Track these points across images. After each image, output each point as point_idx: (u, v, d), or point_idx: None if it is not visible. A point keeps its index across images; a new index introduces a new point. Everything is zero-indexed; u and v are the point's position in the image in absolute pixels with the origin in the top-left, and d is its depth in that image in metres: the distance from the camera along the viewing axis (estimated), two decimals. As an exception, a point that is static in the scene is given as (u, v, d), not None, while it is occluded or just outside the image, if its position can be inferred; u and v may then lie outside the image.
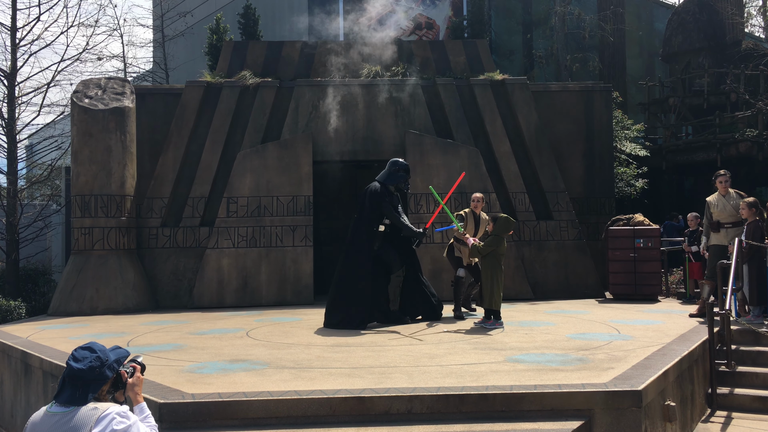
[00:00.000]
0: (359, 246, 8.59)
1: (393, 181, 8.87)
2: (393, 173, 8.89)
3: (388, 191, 8.84)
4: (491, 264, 8.23)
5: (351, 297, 8.44)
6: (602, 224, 12.94)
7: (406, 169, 8.96)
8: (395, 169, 8.91)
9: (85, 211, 11.53)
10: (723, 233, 8.91)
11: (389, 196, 8.79)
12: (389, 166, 8.97)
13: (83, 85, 12.27)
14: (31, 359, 7.31)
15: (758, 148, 17.31)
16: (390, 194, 8.82)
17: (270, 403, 4.83)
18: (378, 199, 8.67)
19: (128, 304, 11.39)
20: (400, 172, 8.89)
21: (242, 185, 12.27)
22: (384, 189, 8.80)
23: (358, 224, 8.71)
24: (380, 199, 8.67)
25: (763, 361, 7.48)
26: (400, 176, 8.88)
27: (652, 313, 9.70)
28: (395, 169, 8.90)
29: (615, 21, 21.83)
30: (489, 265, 8.24)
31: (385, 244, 8.81)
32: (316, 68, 13.61)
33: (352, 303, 8.42)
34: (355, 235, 8.69)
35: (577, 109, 13.80)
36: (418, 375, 5.51)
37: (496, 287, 8.19)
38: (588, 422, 4.83)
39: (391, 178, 8.87)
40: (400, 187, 8.93)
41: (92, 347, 2.96)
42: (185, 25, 21.94)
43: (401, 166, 8.94)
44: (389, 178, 8.88)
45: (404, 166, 8.96)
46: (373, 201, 8.66)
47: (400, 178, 8.88)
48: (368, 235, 8.60)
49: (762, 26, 25.18)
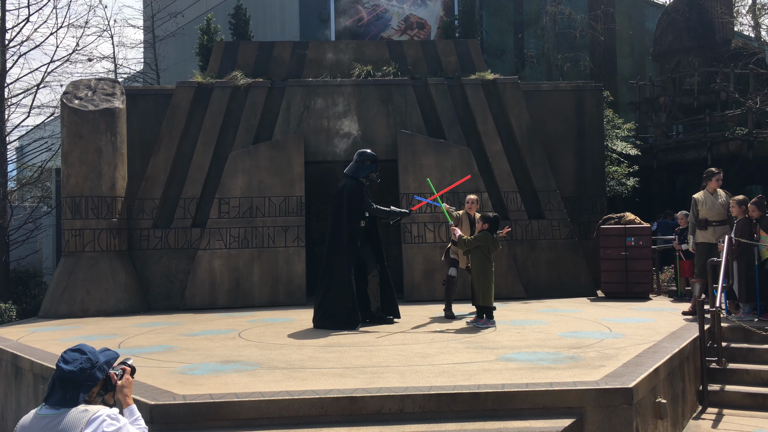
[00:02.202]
0: (341, 246, 8.46)
1: (364, 173, 8.73)
2: (361, 165, 8.74)
3: (363, 185, 8.71)
4: (481, 261, 8.25)
5: (340, 298, 8.37)
6: (594, 223, 12.98)
7: (373, 159, 8.80)
8: (361, 160, 8.77)
9: (75, 212, 11.47)
10: (710, 231, 8.97)
11: (366, 189, 8.68)
12: (356, 158, 8.84)
13: (73, 86, 12.21)
14: (21, 362, 7.27)
15: (748, 147, 17.41)
16: (365, 187, 8.71)
17: (262, 404, 4.82)
18: (358, 195, 8.54)
19: (119, 306, 11.34)
20: (367, 163, 8.74)
21: (234, 186, 12.24)
22: (359, 184, 8.66)
23: (338, 224, 8.56)
24: (360, 195, 8.56)
25: (753, 358, 7.52)
26: (370, 167, 8.74)
27: (643, 311, 9.74)
28: (361, 160, 8.76)
29: (606, 20, 21.92)
30: (478, 262, 8.27)
31: (363, 242, 8.73)
32: (308, 68, 13.60)
33: (343, 304, 8.35)
34: (336, 236, 8.55)
35: (569, 109, 13.84)
36: (410, 374, 5.51)
37: (486, 284, 8.20)
38: (579, 420, 4.84)
39: (361, 171, 8.74)
40: (372, 178, 8.77)
41: (82, 349, 2.95)
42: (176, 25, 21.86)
43: (368, 156, 8.79)
44: (359, 170, 8.74)
45: (371, 156, 8.81)
46: (353, 199, 8.53)
47: (370, 168, 8.74)
48: (350, 235, 8.47)
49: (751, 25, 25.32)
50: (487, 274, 8.22)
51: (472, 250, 8.38)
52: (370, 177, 8.77)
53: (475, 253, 8.32)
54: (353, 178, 8.72)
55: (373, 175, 8.78)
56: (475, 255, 8.33)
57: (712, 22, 21.42)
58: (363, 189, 8.66)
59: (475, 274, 8.32)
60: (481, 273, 8.23)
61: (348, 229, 8.49)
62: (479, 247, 8.26)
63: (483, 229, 8.33)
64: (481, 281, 8.23)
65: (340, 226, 8.55)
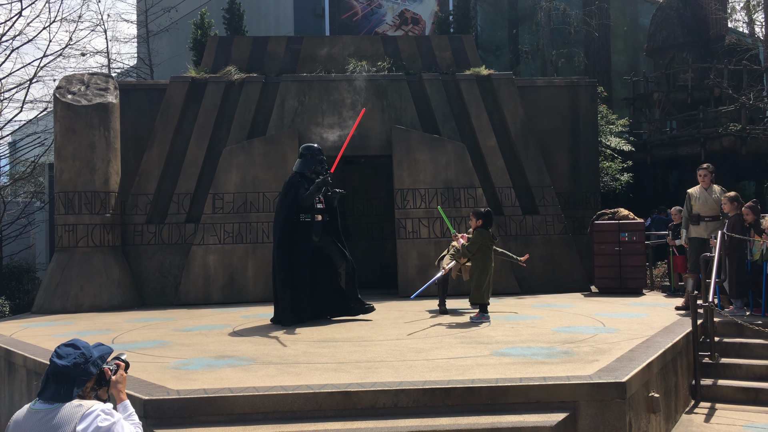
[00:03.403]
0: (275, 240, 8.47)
1: (307, 167, 8.67)
2: (304, 159, 8.72)
3: (304, 178, 8.60)
4: (483, 260, 8.29)
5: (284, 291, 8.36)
6: (588, 219, 13.02)
7: (313, 152, 8.74)
8: (303, 154, 8.78)
9: (68, 207, 11.43)
10: (703, 226, 9.02)
11: (306, 182, 8.57)
12: (300, 153, 8.87)
13: (66, 80, 12.14)
14: (14, 357, 7.25)
15: (741, 143, 17.46)
16: (305, 181, 8.58)
17: (256, 399, 4.82)
18: (292, 189, 8.48)
19: (113, 302, 11.31)
20: (307, 157, 8.71)
21: (228, 181, 12.22)
22: (295, 177, 8.60)
23: (276, 217, 8.56)
24: (294, 189, 8.49)
25: (745, 352, 7.57)
26: (312, 160, 8.68)
27: (636, 306, 9.78)
28: (303, 154, 8.76)
29: (600, 16, 21.92)
30: (480, 261, 8.30)
31: (324, 237, 8.69)
32: (302, 63, 13.56)
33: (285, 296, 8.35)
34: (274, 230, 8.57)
35: (563, 104, 13.86)
36: (404, 369, 5.52)
37: (483, 281, 8.23)
38: (573, 414, 4.86)
39: (304, 165, 8.70)
40: (317, 171, 8.66)
41: (76, 344, 2.94)
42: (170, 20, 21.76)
43: (308, 150, 8.78)
44: (303, 165, 8.70)
45: (311, 150, 8.77)
46: (288, 193, 8.48)
47: (313, 162, 8.68)
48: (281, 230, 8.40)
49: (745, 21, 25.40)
50: (487, 272, 8.26)
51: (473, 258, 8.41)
52: (315, 170, 8.67)
53: (476, 259, 8.34)
54: (296, 173, 8.68)
55: (318, 167, 8.67)
56: (478, 255, 8.34)
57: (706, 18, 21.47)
58: (297, 182, 8.54)
59: (474, 271, 8.36)
60: (481, 271, 8.26)
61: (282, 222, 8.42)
62: (481, 246, 8.29)
63: (477, 227, 8.35)
64: (481, 278, 8.25)
65: (277, 219, 8.53)
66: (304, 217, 8.55)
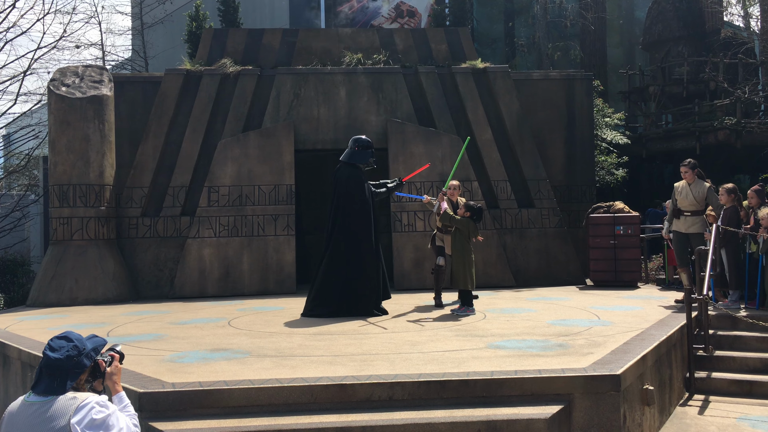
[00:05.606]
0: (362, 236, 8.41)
1: (362, 160, 8.70)
2: (358, 152, 8.69)
3: (362, 172, 8.69)
4: (461, 246, 8.33)
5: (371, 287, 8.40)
6: (583, 212, 13.03)
7: (367, 145, 8.75)
8: (357, 146, 8.72)
9: (63, 200, 11.39)
10: (682, 220, 9.07)
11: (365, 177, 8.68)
12: (351, 145, 8.80)
13: (60, 73, 12.08)
14: (9, 350, 7.24)
15: (737, 136, 17.47)
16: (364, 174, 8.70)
17: (251, 392, 4.82)
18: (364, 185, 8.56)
19: (108, 295, 11.29)
20: (359, 150, 8.69)
21: (223, 174, 12.19)
22: (361, 172, 8.65)
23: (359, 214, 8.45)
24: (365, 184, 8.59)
25: (739, 345, 7.60)
26: (366, 153, 8.70)
27: (631, 299, 9.81)
28: (357, 147, 8.71)
29: (596, 9, 21.88)
30: (458, 247, 8.35)
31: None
32: (298, 56, 13.51)
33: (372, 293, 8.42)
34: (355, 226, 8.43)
35: (559, 98, 13.86)
36: (399, 362, 5.52)
37: (465, 268, 8.25)
38: (567, 406, 4.88)
39: (357, 157, 8.69)
40: (369, 164, 8.76)
41: (68, 336, 2.93)
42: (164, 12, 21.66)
43: (362, 142, 8.75)
44: (355, 157, 8.68)
45: (365, 143, 8.76)
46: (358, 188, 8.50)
47: (367, 155, 8.71)
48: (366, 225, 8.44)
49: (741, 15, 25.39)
50: (466, 259, 8.28)
51: (453, 233, 8.44)
52: (369, 163, 8.78)
53: (456, 237, 8.41)
54: (352, 165, 8.68)
55: (371, 160, 8.78)
56: (455, 239, 8.41)
57: (701, 11, 21.43)
58: (364, 177, 8.68)
59: (454, 258, 8.39)
60: (461, 258, 8.30)
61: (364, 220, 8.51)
62: (460, 231, 8.34)
63: (465, 216, 8.41)
64: (460, 266, 8.29)
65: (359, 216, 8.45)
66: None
